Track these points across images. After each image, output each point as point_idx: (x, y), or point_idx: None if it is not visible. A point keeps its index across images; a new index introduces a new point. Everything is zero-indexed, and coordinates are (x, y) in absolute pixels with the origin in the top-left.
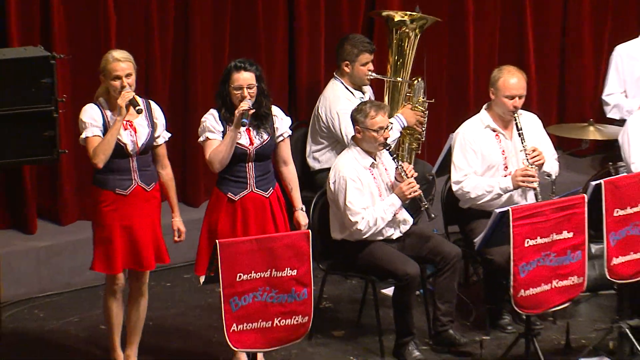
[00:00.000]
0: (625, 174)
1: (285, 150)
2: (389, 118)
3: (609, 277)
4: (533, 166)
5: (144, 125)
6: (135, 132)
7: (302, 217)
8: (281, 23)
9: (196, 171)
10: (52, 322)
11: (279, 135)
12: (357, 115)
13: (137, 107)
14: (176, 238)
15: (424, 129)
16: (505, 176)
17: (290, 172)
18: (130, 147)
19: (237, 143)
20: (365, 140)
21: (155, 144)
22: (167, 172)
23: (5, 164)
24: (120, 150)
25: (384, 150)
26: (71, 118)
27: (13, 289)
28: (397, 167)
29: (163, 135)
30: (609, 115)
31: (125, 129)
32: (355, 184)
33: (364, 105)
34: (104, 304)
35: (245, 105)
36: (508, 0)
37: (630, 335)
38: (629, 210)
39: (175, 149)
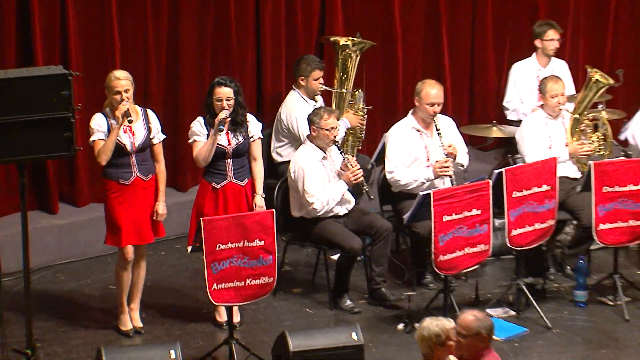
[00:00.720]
0: (521, 164)
1: (255, 149)
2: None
3: (509, 245)
4: (449, 158)
5: (140, 129)
6: (134, 134)
7: (259, 200)
8: (250, 46)
9: (184, 164)
10: (71, 283)
11: (251, 137)
12: (314, 118)
13: (129, 118)
14: (154, 217)
15: (363, 129)
16: (427, 167)
17: (257, 166)
18: (129, 147)
19: (218, 144)
20: (319, 137)
21: (152, 143)
22: (159, 166)
23: (33, 158)
24: (121, 149)
25: (333, 145)
26: (84, 122)
27: (39, 258)
28: (343, 159)
29: (158, 137)
30: (509, 118)
31: (125, 133)
32: (311, 172)
33: (319, 110)
34: (116, 271)
35: (223, 114)
36: (428, 27)
37: (525, 290)
38: (524, 192)
39: (168, 147)
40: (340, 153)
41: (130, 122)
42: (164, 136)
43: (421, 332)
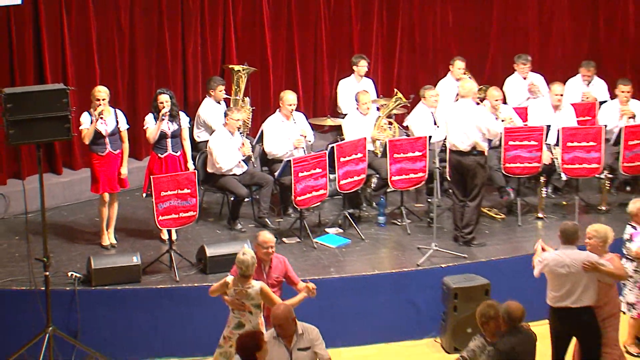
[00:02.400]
0: (344, 141)
1: (185, 134)
2: None
3: (338, 190)
4: (302, 137)
5: (112, 122)
6: (107, 124)
7: (191, 167)
8: (179, 71)
9: (140, 143)
10: (70, 217)
11: (182, 126)
12: (228, 112)
13: (102, 116)
14: (121, 177)
15: (250, 121)
16: (289, 143)
17: (186, 144)
18: (103, 132)
19: (162, 129)
20: (230, 124)
21: (119, 130)
22: (124, 145)
23: (47, 140)
24: (99, 134)
25: (237, 131)
26: (77, 118)
27: (50, 201)
28: (242, 140)
29: (123, 126)
30: (343, 112)
31: (102, 124)
32: (221, 146)
33: (230, 108)
34: (98, 209)
35: (164, 111)
36: (288, 58)
37: (348, 217)
38: (348, 158)
39: (131, 132)
40: (241, 135)
41: (101, 117)
42: (128, 126)
43: (250, 262)
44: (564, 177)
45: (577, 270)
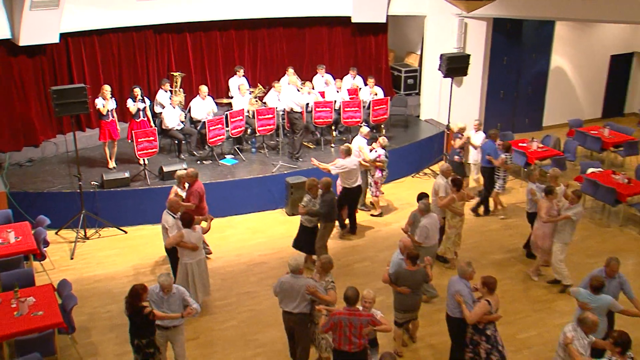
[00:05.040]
0: (233, 110)
1: (147, 109)
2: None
3: (231, 135)
4: (210, 110)
5: (112, 103)
6: (109, 106)
7: (154, 126)
8: (145, 76)
9: (126, 114)
10: (91, 154)
11: (146, 104)
12: (171, 97)
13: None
14: (117, 131)
15: (184, 102)
16: (204, 112)
17: (149, 114)
18: (109, 108)
19: (137, 107)
20: (173, 103)
21: (115, 108)
22: (116, 115)
23: (76, 113)
24: (108, 110)
25: (177, 106)
26: (91, 102)
27: (79, 145)
28: (180, 113)
29: (113, 107)
30: (231, 95)
31: (107, 105)
32: (170, 116)
33: (173, 95)
34: (103, 148)
35: (138, 97)
36: (202, 68)
37: (237, 149)
38: (237, 118)
39: (122, 109)
40: (179, 109)
41: (106, 99)
42: (116, 106)
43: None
44: (344, 126)
45: None
